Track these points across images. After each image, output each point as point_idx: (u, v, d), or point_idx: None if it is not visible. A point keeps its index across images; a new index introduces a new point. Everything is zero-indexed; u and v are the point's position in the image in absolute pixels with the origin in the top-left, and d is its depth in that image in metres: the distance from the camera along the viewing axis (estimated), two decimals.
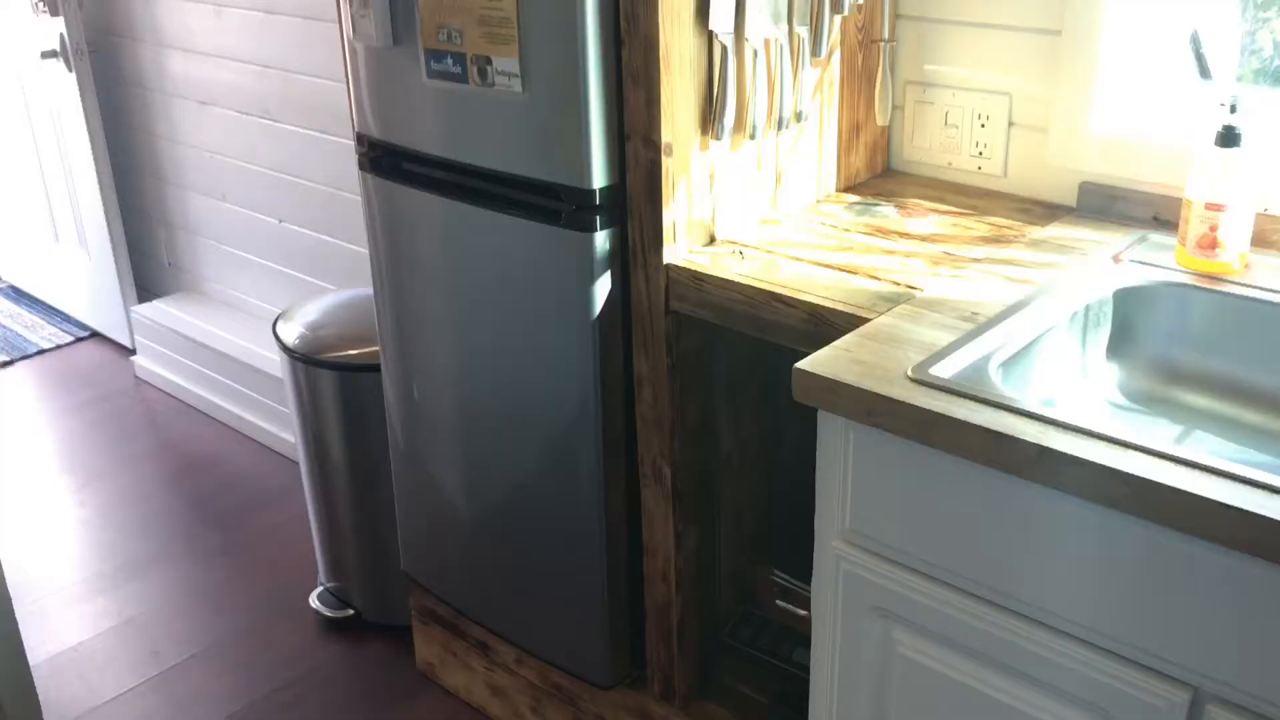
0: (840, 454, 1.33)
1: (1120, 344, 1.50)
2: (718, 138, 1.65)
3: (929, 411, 1.19)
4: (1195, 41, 1.57)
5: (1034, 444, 1.12)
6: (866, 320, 1.42)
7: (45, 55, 3.53)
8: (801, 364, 1.31)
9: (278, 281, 3.41)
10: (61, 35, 3.48)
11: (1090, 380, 1.48)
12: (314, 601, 2.61)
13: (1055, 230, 1.69)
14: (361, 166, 2.01)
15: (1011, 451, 1.14)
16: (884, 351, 1.32)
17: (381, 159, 1.97)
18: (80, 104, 3.55)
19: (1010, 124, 1.82)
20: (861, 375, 1.27)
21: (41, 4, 3.46)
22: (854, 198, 1.88)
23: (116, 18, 3.60)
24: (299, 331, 2.43)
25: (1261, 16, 1.68)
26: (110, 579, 2.77)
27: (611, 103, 1.63)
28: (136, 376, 3.77)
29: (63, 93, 3.61)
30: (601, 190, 1.66)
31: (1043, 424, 1.15)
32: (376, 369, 2.23)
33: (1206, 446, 1.39)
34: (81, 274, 3.98)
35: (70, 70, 3.52)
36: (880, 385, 1.25)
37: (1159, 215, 1.67)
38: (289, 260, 3.34)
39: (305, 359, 2.38)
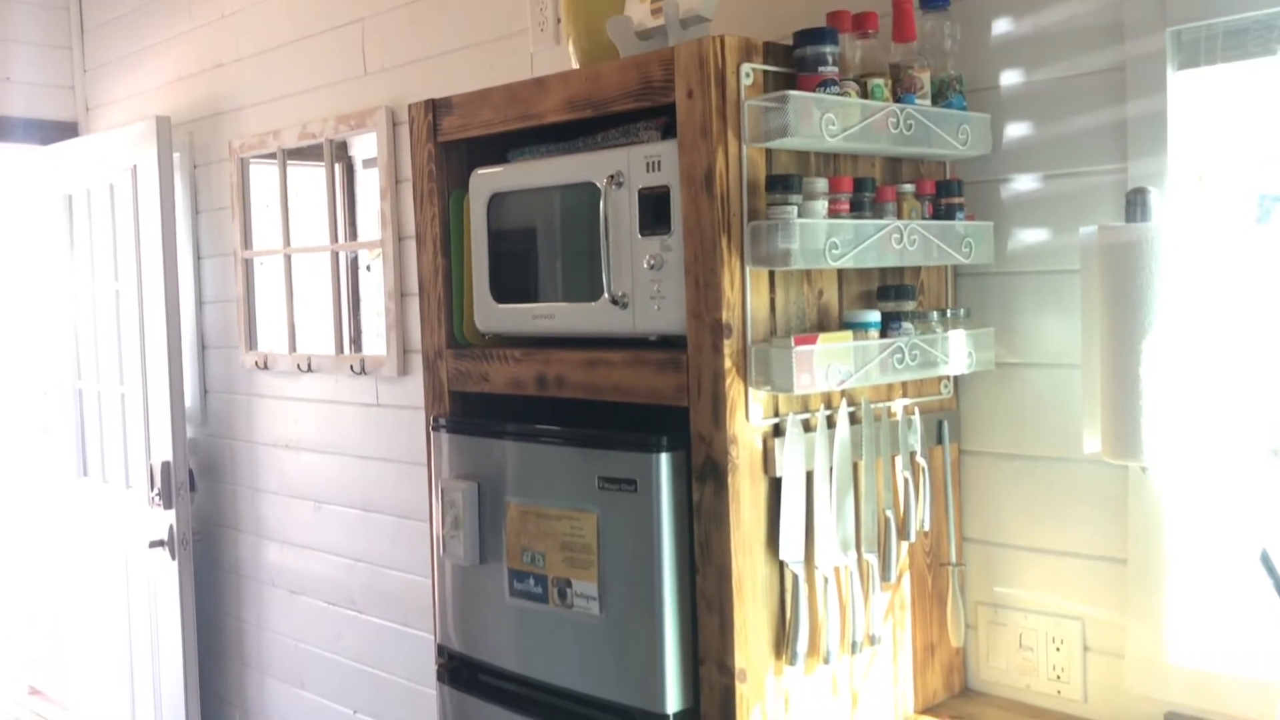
0: None
1: None
2: (791, 662, 1.67)
3: None
4: (1266, 561, 1.60)
5: None
6: None
7: (153, 545, 3.74)
8: None
9: None
10: (170, 526, 3.70)
11: None
12: None
13: None
14: (440, 678, 2.04)
15: None
16: None
17: (460, 670, 2.01)
18: (178, 592, 3.70)
19: (1085, 648, 1.82)
20: None
21: (157, 498, 3.71)
22: None
23: (224, 510, 3.85)
24: None
25: None
26: None
27: (686, 627, 1.67)
28: None
29: (163, 580, 3.77)
30: (676, 715, 1.67)
31: None
32: None
33: None
34: None
35: (173, 558, 3.71)
36: None
37: None
38: None
39: None
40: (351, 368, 3.20)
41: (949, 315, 1.84)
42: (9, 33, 4.23)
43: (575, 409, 1.94)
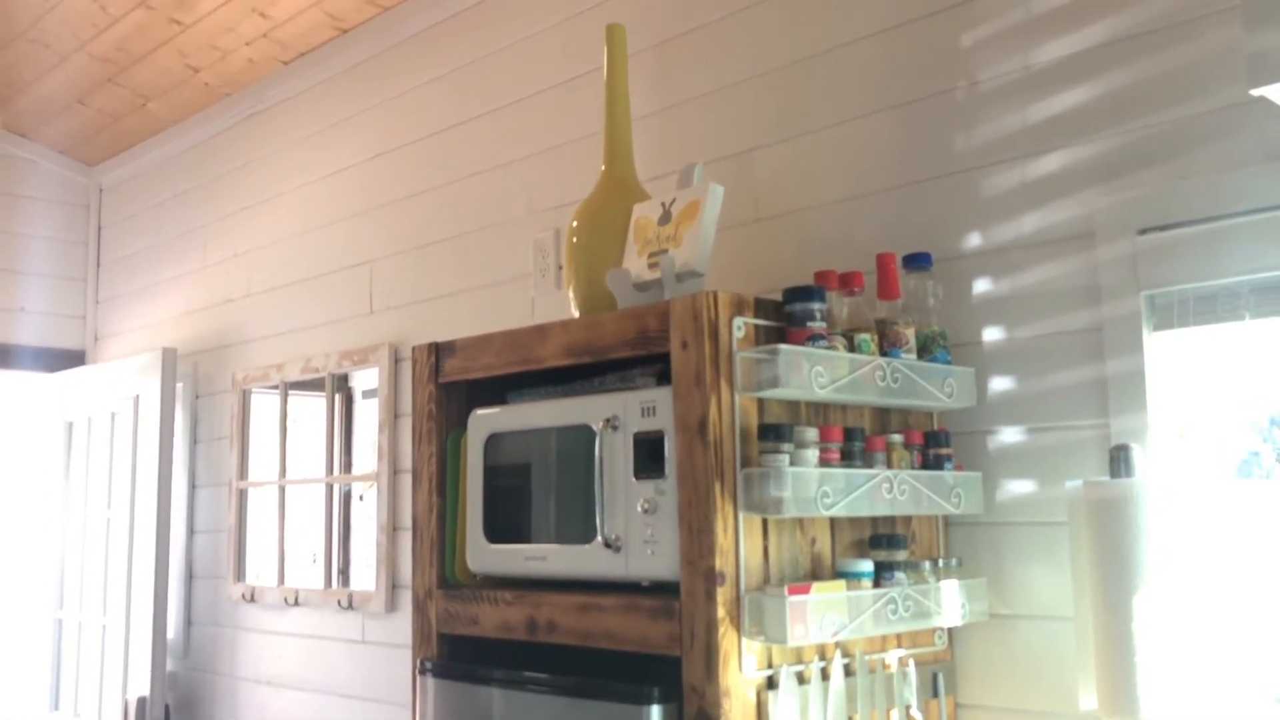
0: None
1: None
2: None
3: None
4: None
5: None
6: None
7: None
8: None
9: None
10: None
11: None
12: None
13: None
14: None
15: None
16: None
17: None
18: None
19: None
20: None
21: None
22: None
23: None
24: None
25: None
26: None
27: None
28: None
29: None
30: None
31: None
32: None
33: None
34: None
35: None
36: None
37: None
38: None
39: None
40: (339, 602, 3.15)
41: (941, 565, 1.84)
42: (27, 265, 4.38)
43: (566, 648, 1.91)
